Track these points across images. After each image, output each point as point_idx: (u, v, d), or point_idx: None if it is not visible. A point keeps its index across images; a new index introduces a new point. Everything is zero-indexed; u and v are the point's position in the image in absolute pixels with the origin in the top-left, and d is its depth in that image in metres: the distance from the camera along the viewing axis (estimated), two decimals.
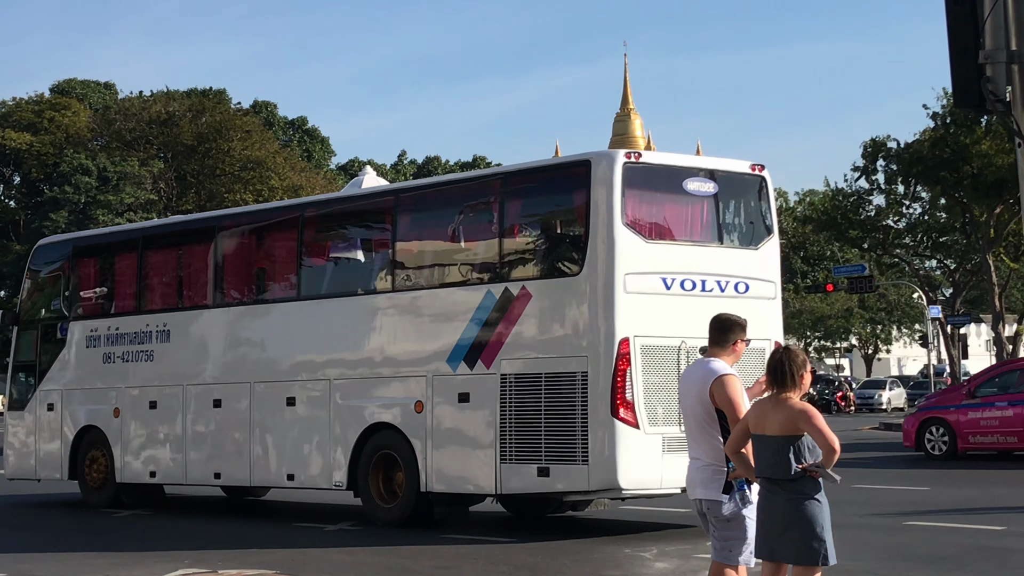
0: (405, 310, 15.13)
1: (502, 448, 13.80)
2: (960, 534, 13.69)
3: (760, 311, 13.78)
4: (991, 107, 9.90)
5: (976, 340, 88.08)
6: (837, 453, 7.08)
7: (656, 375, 13.33)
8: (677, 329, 13.37)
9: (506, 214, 14.70)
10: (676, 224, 14.29)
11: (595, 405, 13.16)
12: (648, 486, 13.44)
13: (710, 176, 14.36)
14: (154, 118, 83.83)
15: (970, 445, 24.25)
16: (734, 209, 14.77)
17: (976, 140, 45.27)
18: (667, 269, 13.68)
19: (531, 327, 13.84)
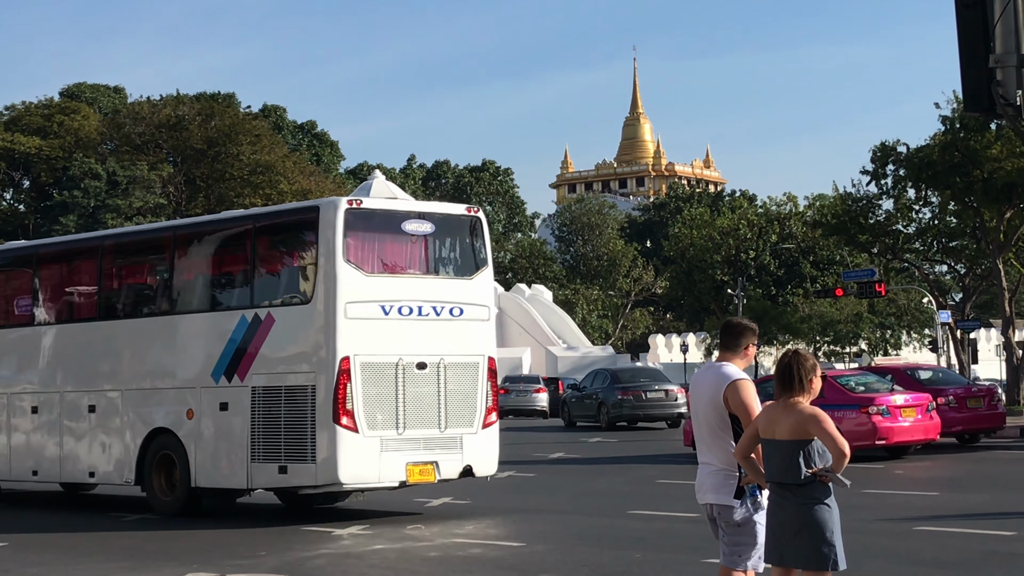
0: (180, 330, 17.57)
1: (252, 450, 16.10)
2: (970, 539, 13.66)
3: (473, 331, 16.68)
4: (1001, 111, 9.88)
5: (986, 345, 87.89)
6: (847, 458, 7.07)
7: (375, 387, 15.65)
8: (395, 348, 15.90)
9: (256, 250, 17.21)
10: (395, 259, 16.72)
11: (321, 413, 15.46)
12: (366, 480, 15.83)
13: (426, 218, 16.79)
14: (163, 122, 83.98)
15: None
16: (450, 245, 17.34)
17: (986, 144, 45.20)
18: (386, 298, 16.01)
19: (274, 347, 16.24)
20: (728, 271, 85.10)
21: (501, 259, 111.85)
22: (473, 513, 17.19)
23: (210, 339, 16.91)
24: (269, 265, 17.49)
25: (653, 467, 24.04)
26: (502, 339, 69.46)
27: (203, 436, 16.68)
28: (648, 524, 15.50)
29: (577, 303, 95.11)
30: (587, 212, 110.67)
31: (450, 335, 16.46)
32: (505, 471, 23.29)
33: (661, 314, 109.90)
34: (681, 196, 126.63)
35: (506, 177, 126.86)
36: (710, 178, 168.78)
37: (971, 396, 28.35)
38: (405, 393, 15.86)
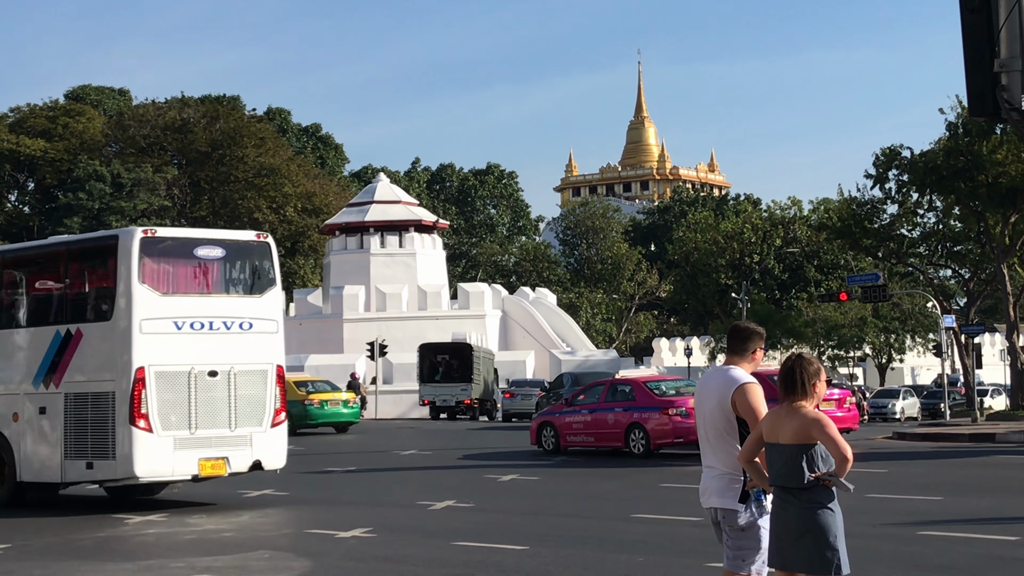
0: (8, 343, 19.53)
1: (65, 448, 18.20)
2: (973, 544, 13.64)
3: (263, 343, 18.85)
4: (1006, 116, 9.88)
5: (990, 350, 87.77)
6: (850, 462, 7.06)
7: (169, 392, 17.80)
8: (187, 358, 18.03)
9: (69, 273, 19.32)
10: (188, 281, 18.76)
11: (120, 416, 17.59)
12: (161, 474, 18.05)
13: (217, 244, 19.04)
14: (168, 124, 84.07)
15: (568, 443, 29.46)
16: (240, 268, 19.37)
17: (991, 149, 45.18)
18: (179, 315, 18.21)
19: (83, 359, 18.32)
20: (732, 275, 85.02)
21: (505, 262, 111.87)
22: (474, 515, 17.19)
23: (33, 351, 19.02)
24: (79, 286, 19.40)
25: (656, 470, 24.03)
26: (506, 342, 69.49)
27: (26, 436, 18.79)
28: (651, 528, 15.50)
29: (581, 306, 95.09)
30: (591, 216, 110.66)
31: (240, 346, 18.59)
32: (508, 474, 23.32)
33: (665, 318, 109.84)
34: (685, 200, 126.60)
35: (510, 180, 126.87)
36: (714, 182, 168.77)
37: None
38: (197, 397, 18.03)
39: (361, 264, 69.68)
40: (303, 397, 40.60)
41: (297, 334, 67.60)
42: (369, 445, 34.45)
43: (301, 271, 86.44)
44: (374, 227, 70.38)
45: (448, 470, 25.86)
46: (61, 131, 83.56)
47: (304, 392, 40.99)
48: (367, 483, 23.23)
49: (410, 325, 66.31)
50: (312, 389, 41.78)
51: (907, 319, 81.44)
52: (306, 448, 32.90)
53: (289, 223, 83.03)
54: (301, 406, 40.13)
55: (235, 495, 20.13)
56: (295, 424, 38.48)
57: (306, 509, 18.60)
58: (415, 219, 71.55)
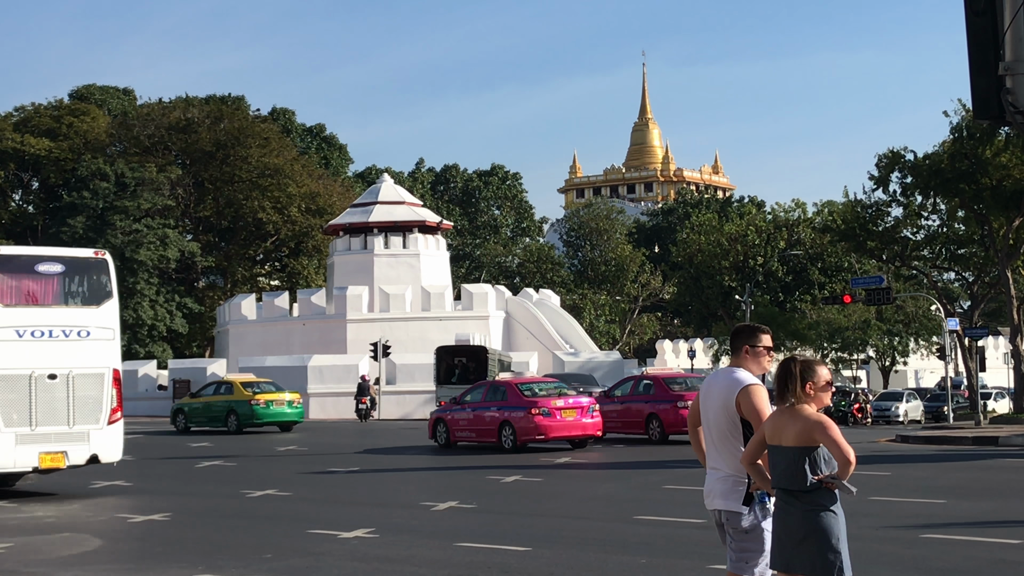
0: None
1: None
2: (977, 547, 13.64)
3: (100, 349, 20.94)
4: (1011, 119, 9.86)
5: (994, 353, 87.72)
6: (853, 465, 7.06)
7: (11, 393, 19.99)
8: (29, 363, 20.16)
9: None
10: (30, 293, 20.69)
11: None
12: (3, 466, 20.14)
13: (57, 261, 21.20)
14: (172, 124, 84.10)
15: (457, 438, 32.92)
16: (79, 282, 21.42)
17: (995, 152, 45.15)
18: (21, 324, 20.27)
19: None
20: (736, 277, 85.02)
21: (509, 263, 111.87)
22: (477, 516, 17.20)
23: None
24: None
25: (659, 472, 24.04)
26: (509, 343, 69.45)
27: None
28: (654, 529, 15.50)
29: (585, 308, 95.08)
30: (595, 217, 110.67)
31: (78, 352, 20.63)
32: (511, 475, 23.32)
33: (669, 319, 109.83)
34: (689, 202, 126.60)
35: (515, 181, 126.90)
36: (719, 184, 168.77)
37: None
38: (38, 398, 20.19)
39: (365, 265, 69.69)
40: (250, 397, 42.79)
41: (300, 334, 67.63)
42: (369, 445, 34.46)
43: (305, 271, 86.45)
44: (378, 228, 70.40)
45: (451, 471, 25.87)
46: (66, 131, 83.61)
47: (251, 392, 43.09)
48: (370, 483, 23.25)
49: (413, 326, 66.31)
50: (258, 390, 43.63)
51: (911, 322, 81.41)
52: (308, 448, 32.93)
53: (293, 223, 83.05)
54: (248, 406, 42.53)
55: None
56: (242, 423, 42.25)
57: (309, 509, 18.61)
58: (419, 220, 71.57)
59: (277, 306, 70.52)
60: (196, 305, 79.29)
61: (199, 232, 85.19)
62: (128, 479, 23.74)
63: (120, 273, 73.73)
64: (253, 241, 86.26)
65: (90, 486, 22.49)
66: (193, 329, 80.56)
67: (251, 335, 69.41)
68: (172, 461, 29.37)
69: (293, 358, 60.88)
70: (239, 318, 70.71)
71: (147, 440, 38.08)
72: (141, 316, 74.34)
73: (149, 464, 28.44)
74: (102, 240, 73.19)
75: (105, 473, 24.02)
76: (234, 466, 27.38)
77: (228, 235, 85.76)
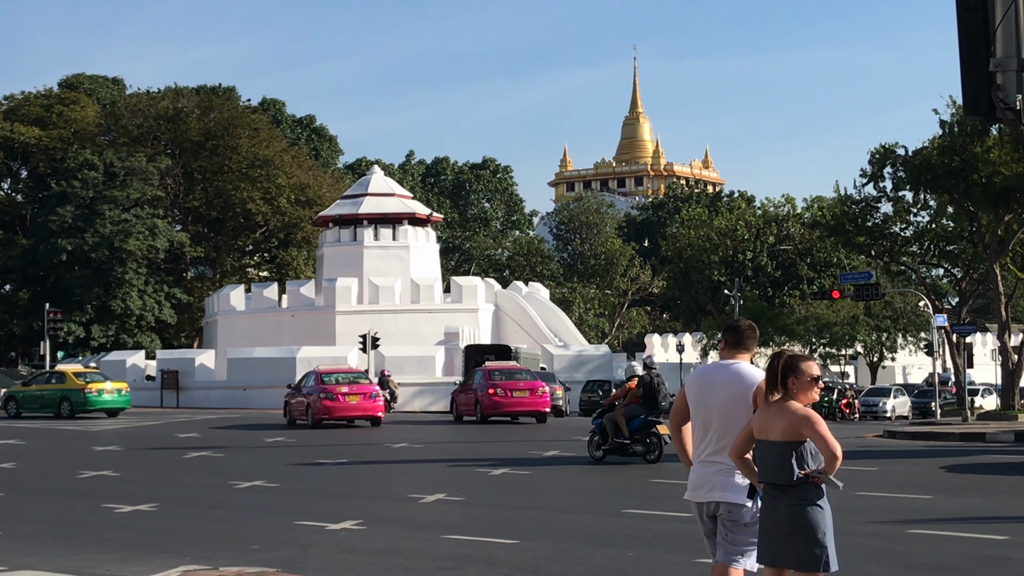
0: None
1: None
2: (963, 543, 13.67)
3: None
4: (1001, 115, 9.89)
5: (982, 349, 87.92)
6: (839, 460, 7.07)
7: None
8: None
9: None
10: None
11: None
12: None
13: None
14: (162, 114, 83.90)
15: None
16: None
17: (986, 148, 45.22)
18: None
19: None
20: (725, 272, 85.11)
21: (498, 257, 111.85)
22: (465, 509, 17.21)
23: None
24: None
25: (647, 466, 24.06)
26: (498, 336, 69.44)
27: None
28: (642, 523, 15.52)
29: (574, 301, 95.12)
30: (585, 211, 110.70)
31: None
32: (499, 469, 23.33)
33: (658, 314, 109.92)
34: (679, 196, 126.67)
35: (505, 175, 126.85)
36: (709, 179, 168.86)
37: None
38: None
39: (354, 256, 69.62)
40: (82, 386, 45.87)
41: (289, 326, 67.55)
42: (361, 439, 34.47)
43: (294, 263, 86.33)
44: (368, 220, 70.31)
45: (439, 464, 25.87)
46: (55, 119, 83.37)
47: (83, 382, 46.11)
48: (358, 475, 23.24)
49: (403, 318, 66.28)
50: (89, 379, 46.63)
51: (899, 318, 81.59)
52: (296, 440, 32.91)
53: (282, 214, 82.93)
54: (81, 394, 45.72)
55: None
56: (75, 409, 45.49)
57: (296, 500, 18.61)
58: (409, 212, 71.49)
59: (266, 297, 70.43)
60: (185, 295, 79.15)
61: (188, 222, 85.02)
62: (115, 469, 23.70)
63: (109, 263, 73.74)
64: (242, 232, 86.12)
65: (77, 476, 22.44)
66: (181, 319, 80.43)
67: (240, 326, 69.31)
68: (159, 452, 29.34)
69: (282, 349, 60.80)
70: (228, 309, 70.60)
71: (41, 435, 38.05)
72: (129, 306, 74.18)
73: (137, 455, 28.42)
74: (91, 229, 73.04)
75: (93, 463, 23.95)
76: (221, 457, 27.36)
77: (217, 225, 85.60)
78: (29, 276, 76.77)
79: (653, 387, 24.34)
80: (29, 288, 76.95)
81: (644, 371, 24.84)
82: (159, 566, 12.33)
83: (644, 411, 24.20)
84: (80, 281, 73.42)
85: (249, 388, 58.73)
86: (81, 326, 73.10)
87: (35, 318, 69.86)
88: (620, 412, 24.25)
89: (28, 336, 75.28)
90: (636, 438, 24.14)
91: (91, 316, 73.69)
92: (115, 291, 74.03)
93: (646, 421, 24.07)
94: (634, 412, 24.23)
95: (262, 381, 57.39)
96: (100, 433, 36.47)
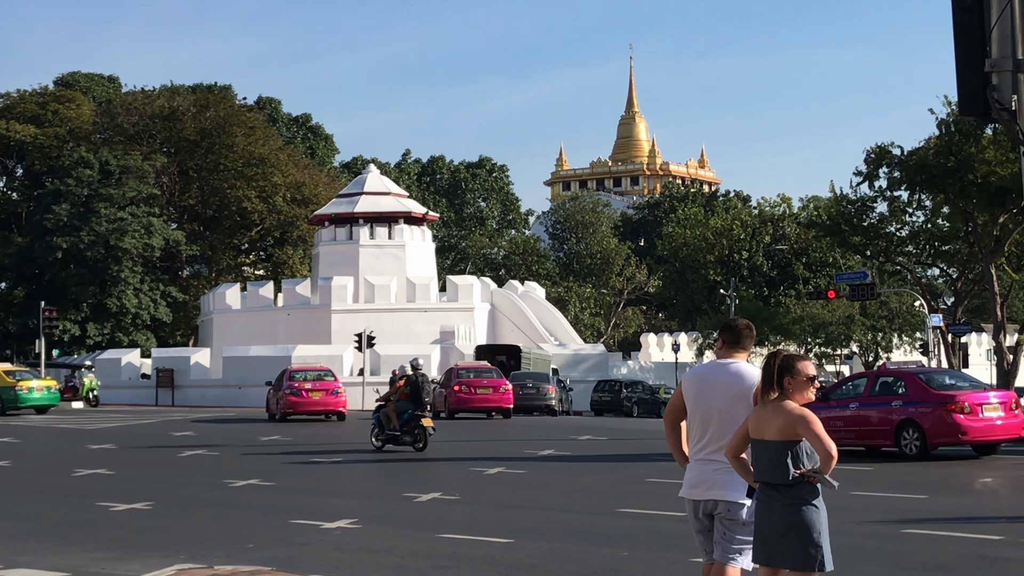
0: None
1: None
2: (958, 543, 13.68)
3: None
4: (997, 116, 9.89)
5: (977, 349, 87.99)
6: (834, 459, 7.08)
7: None
8: None
9: None
10: None
11: None
12: None
13: None
14: (158, 112, 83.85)
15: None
16: None
17: (981, 149, 45.25)
18: None
19: None
20: (721, 271, 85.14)
21: (494, 255, 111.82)
22: (460, 508, 17.20)
23: None
24: None
25: (643, 465, 24.06)
26: (494, 335, 69.45)
27: None
28: (637, 522, 15.52)
29: (570, 301, 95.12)
30: (581, 210, 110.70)
31: None
32: (495, 467, 23.32)
33: (653, 313, 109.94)
34: (675, 195, 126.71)
35: (501, 174, 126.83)
36: (704, 178, 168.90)
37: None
38: None
39: (350, 255, 69.61)
40: (13, 384, 47.18)
41: (285, 324, 67.53)
42: (355, 436, 34.45)
43: (290, 261, 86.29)
44: (363, 218, 70.29)
45: (435, 462, 25.85)
46: (51, 117, 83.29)
47: (14, 380, 47.40)
48: (353, 474, 23.22)
49: (398, 317, 66.28)
50: (20, 377, 48.00)
51: (894, 318, 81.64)
52: (293, 438, 32.90)
53: (278, 213, 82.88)
54: (12, 392, 46.99)
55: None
56: (6, 406, 46.81)
57: (292, 499, 18.59)
58: (405, 211, 71.48)
59: (262, 296, 70.38)
60: (180, 294, 79.10)
61: (184, 221, 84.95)
62: (110, 467, 23.68)
63: (104, 261, 73.67)
64: (238, 230, 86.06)
65: (72, 474, 22.43)
66: (177, 318, 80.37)
67: (235, 324, 69.28)
68: (155, 450, 29.31)
69: (277, 348, 60.77)
70: (223, 307, 70.55)
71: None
72: (125, 304, 74.11)
73: (131, 453, 28.39)
74: (86, 227, 72.97)
75: (87, 461, 23.94)
76: (217, 455, 27.34)
77: (213, 224, 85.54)
78: (24, 274, 76.71)
79: (418, 385, 27.46)
80: (24, 286, 76.88)
81: (412, 371, 28.08)
82: (154, 564, 12.32)
83: (411, 406, 27.26)
84: (76, 279, 73.37)
85: (244, 387, 58.71)
86: (76, 324, 73.05)
87: (30, 316, 69.81)
88: (392, 408, 27.39)
89: (24, 334, 75.21)
90: (405, 430, 27.15)
91: (87, 314, 73.63)
92: (111, 289, 73.97)
93: (413, 415, 27.12)
94: (403, 407, 27.27)
95: (257, 380, 57.35)
96: (95, 431, 36.43)
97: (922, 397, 25.32)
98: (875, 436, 26.13)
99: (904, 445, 25.43)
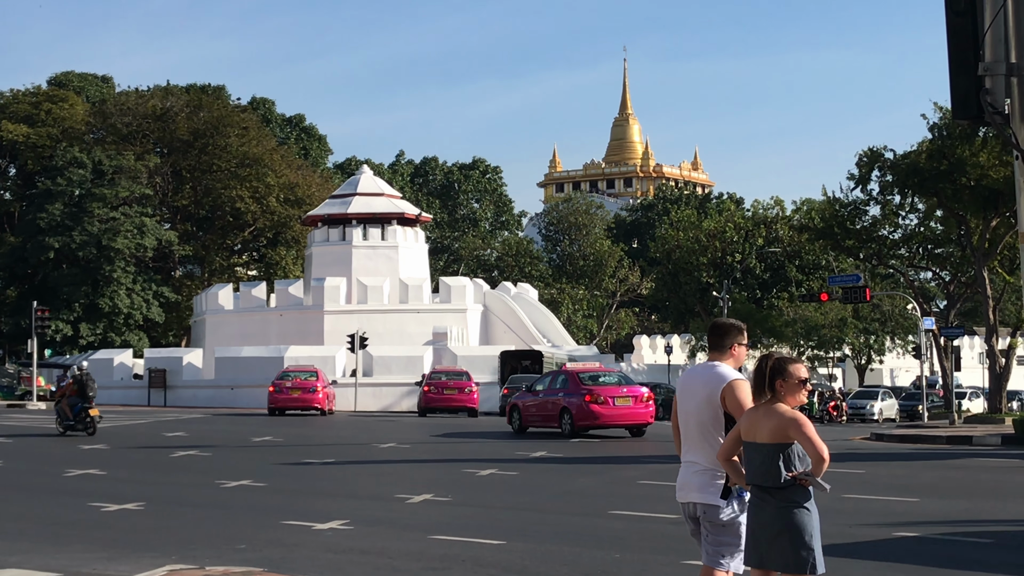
0: None
1: None
2: (949, 546, 13.70)
3: None
4: (990, 119, 9.91)
5: (969, 352, 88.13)
6: (826, 462, 7.08)
7: None
8: None
9: None
10: None
11: None
12: None
13: None
14: (151, 112, 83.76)
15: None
16: None
17: (974, 152, 45.29)
18: None
19: None
20: (714, 273, 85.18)
21: (487, 257, 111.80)
22: (452, 509, 17.20)
23: None
24: None
25: (634, 467, 24.08)
26: (487, 337, 69.45)
27: None
28: (628, 524, 15.53)
29: (562, 302, 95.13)
30: (574, 212, 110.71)
31: None
32: (487, 469, 23.32)
33: (646, 315, 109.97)
34: (668, 198, 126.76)
35: (494, 175, 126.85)
36: (698, 180, 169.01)
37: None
38: None
39: (343, 256, 69.59)
40: None
41: (278, 325, 67.48)
42: (347, 437, 34.44)
43: (283, 262, 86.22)
44: (356, 219, 70.28)
45: (427, 464, 25.86)
46: (44, 117, 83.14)
47: None
48: (345, 475, 23.21)
49: (391, 318, 66.26)
50: None
51: (887, 321, 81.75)
52: (285, 439, 32.88)
53: (271, 213, 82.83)
54: None
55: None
56: None
57: (283, 500, 18.57)
58: (398, 212, 71.47)
59: (254, 296, 70.33)
60: (173, 294, 79.01)
61: (177, 221, 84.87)
62: (102, 468, 23.65)
63: (97, 261, 73.58)
64: (231, 231, 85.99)
65: (64, 474, 22.39)
66: (170, 318, 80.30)
67: (228, 325, 69.22)
68: (147, 450, 29.28)
69: (270, 348, 60.73)
70: (216, 308, 70.49)
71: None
72: (117, 304, 74.02)
73: (123, 453, 28.35)
74: (79, 227, 72.87)
75: (79, 461, 23.91)
76: (208, 456, 27.31)
77: (206, 224, 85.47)
78: (17, 274, 76.57)
79: (84, 384, 33.66)
80: (17, 286, 76.75)
81: (78, 372, 34.60)
82: (145, 565, 12.31)
83: (80, 400, 33.51)
84: (68, 279, 73.27)
85: (237, 387, 58.67)
86: (69, 324, 72.94)
87: (22, 316, 69.67)
88: (65, 403, 33.79)
89: (15, 334, 75.09)
90: (78, 419, 33.46)
91: (79, 314, 73.52)
92: (103, 289, 73.87)
93: (82, 408, 33.40)
94: (74, 402, 33.66)
95: (250, 380, 57.33)
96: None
97: (574, 390, 33.19)
98: (549, 420, 34.07)
99: (562, 426, 33.24)
